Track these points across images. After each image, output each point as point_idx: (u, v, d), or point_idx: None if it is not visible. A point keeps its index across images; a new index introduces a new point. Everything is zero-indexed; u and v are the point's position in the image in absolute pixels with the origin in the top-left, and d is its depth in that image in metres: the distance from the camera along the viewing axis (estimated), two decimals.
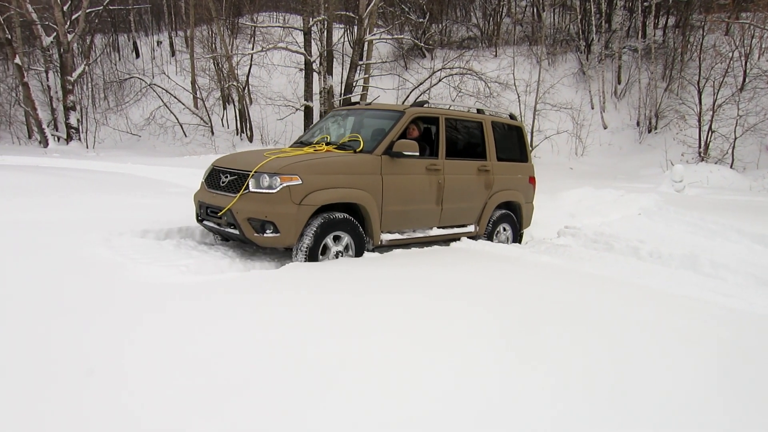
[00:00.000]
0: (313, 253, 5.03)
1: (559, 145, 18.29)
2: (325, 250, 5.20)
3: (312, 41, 19.21)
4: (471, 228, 6.64)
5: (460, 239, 6.52)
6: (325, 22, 18.87)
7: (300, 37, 19.80)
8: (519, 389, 2.72)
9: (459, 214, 6.45)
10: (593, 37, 20.53)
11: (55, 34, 20.07)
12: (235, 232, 5.09)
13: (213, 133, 21.37)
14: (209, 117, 21.50)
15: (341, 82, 19.99)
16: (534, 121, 18.38)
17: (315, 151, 5.60)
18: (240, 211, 4.98)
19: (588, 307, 4.03)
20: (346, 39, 22.06)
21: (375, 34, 19.95)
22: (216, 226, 5.33)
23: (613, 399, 2.71)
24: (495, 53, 22.01)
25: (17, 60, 19.83)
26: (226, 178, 5.35)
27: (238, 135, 21.22)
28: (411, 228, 5.99)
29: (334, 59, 20.05)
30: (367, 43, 19.58)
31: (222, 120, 22.25)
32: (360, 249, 5.38)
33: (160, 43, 27.36)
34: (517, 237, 7.28)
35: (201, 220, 5.56)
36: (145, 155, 17.57)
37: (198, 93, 21.86)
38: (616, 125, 19.11)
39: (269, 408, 2.45)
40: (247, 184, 5.05)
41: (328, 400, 2.54)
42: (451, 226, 6.43)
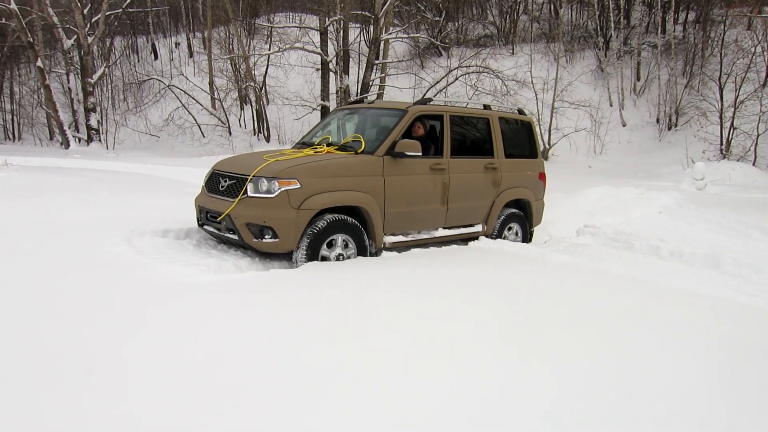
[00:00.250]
0: (312, 258, 4.95)
1: (577, 143, 18.12)
2: (326, 254, 5.12)
3: (328, 41, 19.26)
4: (478, 228, 6.52)
5: (478, 239, 6.45)
6: (342, 22, 18.90)
7: (316, 37, 19.85)
8: (547, 388, 2.71)
9: (465, 213, 6.33)
10: (612, 34, 20.31)
11: (75, 36, 20.36)
12: (234, 237, 5.02)
13: (230, 133, 21.52)
14: (227, 117, 21.65)
15: (358, 82, 20.01)
16: (552, 119, 18.23)
17: (315, 152, 5.50)
18: (238, 216, 4.90)
19: (609, 307, 3.99)
20: (363, 38, 22.07)
21: (391, 33, 19.94)
22: (216, 231, 5.26)
23: (635, 395, 2.68)
24: (512, 51, 21.87)
25: (39, 63, 20.15)
26: (225, 182, 5.29)
27: (255, 135, 21.35)
28: (416, 229, 5.89)
29: (351, 59, 20.07)
30: (383, 42, 19.57)
31: (239, 120, 22.39)
32: (362, 252, 5.29)
33: (178, 44, 27.61)
34: (527, 236, 7.14)
35: (202, 225, 5.50)
36: (164, 156, 17.76)
37: (216, 94, 22.03)
38: (636, 122, 18.88)
39: (281, 407, 2.47)
40: (246, 189, 4.98)
41: (351, 397, 2.55)
42: (458, 227, 6.32)
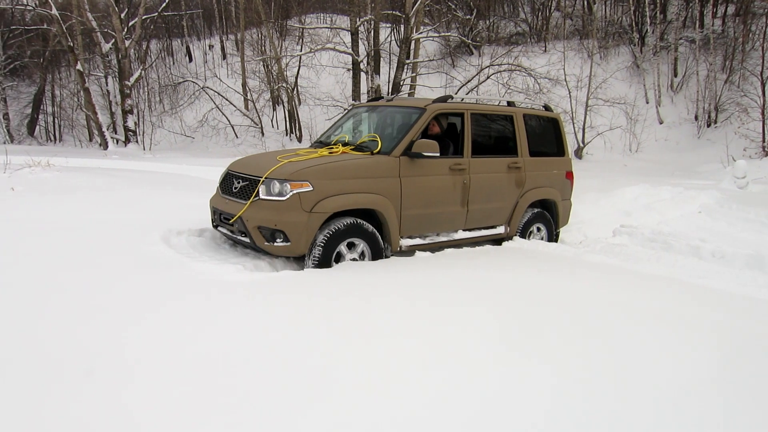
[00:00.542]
0: (325, 262, 4.84)
1: (612, 142, 17.80)
2: (339, 258, 5.01)
3: (359, 41, 19.32)
4: (501, 229, 6.33)
5: (501, 242, 6.30)
6: (372, 22, 18.93)
7: (347, 38, 19.94)
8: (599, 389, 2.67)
9: (487, 215, 6.15)
10: (647, 29, 19.89)
11: (113, 40, 20.85)
12: (246, 240, 4.95)
13: (263, 134, 21.77)
14: (259, 118, 21.91)
15: (388, 82, 20.03)
16: (586, 117, 17.95)
17: (330, 153, 5.38)
18: (250, 219, 4.83)
19: (648, 309, 3.91)
20: (393, 38, 22.08)
21: (422, 33, 19.90)
22: (229, 233, 5.21)
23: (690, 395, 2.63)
24: (544, 48, 21.60)
25: (79, 66, 20.69)
26: (238, 183, 5.21)
27: (287, 135, 21.55)
28: (434, 232, 5.74)
29: (381, 58, 20.09)
30: (414, 41, 19.54)
31: (272, 121, 22.63)
32: (377, 256, 5.17)
33: (211, 47, 28.06)
34: (552, 237, 6.92)
35: (216, 226, 5.45)
36: (198, 156, 18.05)
37: (248, 95, 22.31)
38: (673, 120, 18.46)
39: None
40: (257, 191, 4.88)
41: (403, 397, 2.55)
42: (479, 228, 6.13)
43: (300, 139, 20.91)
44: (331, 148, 5.55)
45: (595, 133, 17.94)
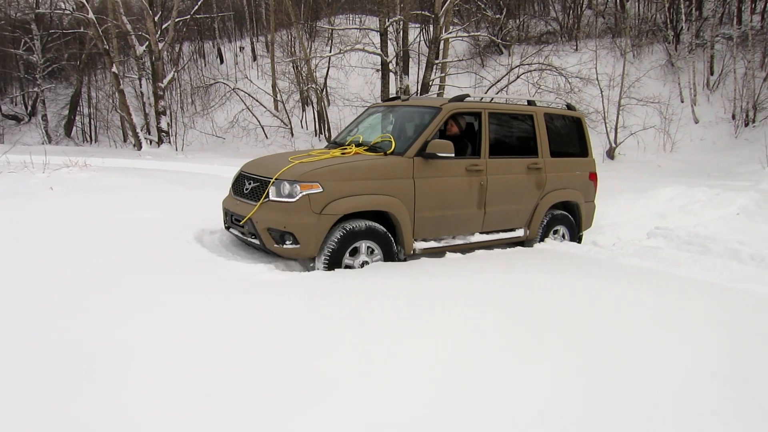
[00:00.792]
0: (335, 265, 4.79)
1: (645, 142, 17.46)
2: (352, 258, 4.94)
3: (388, 42, 19.33)
4: (520, 232, 6.18)
5: (524, 244, 6.18)
6: (401, 22, 18.92)
7: (376, 38, 19.97)
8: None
9: (505, 217, 6.00)
10: (682, 26, 19.46)
11: (147, 43, 21.24)
12: (256, 242, 4.91)
13: (293, 134, 21.94)
14: (289, 119, 22.09)
15: (417, 82, 19.99)
16: (618, 117, 17.64)
17: (342, 154, 5.30)
18: (260, 220, 4.78)
19: (689, 315, 3.83)
20: (422, 38, 22.03)
21: (451, 33, 19.81)
22: (240, 235, 5.17)
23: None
24: (576, 47, 21.31)
25: (114, 69, 21.17)
26: (249, 184, 5.17)
27: (316, 136, 21.69)
28: (450, 234, 5.60)
29: (410, 59, 20.07)
30: (443, 41, 19.47)
31: (301, 122, 22.80)
32: (389, 259, 5.07)
33: (242, 48, 28.39)
34: (574, 240, 6.75)
35: (228, 228, 5.43)
36: (229, 156, 18.28)
37: (278, 96, 22.51)
38: (709, 119, 18.02)
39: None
40: (267, 192, 4.84)
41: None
42: (497, 231, 5.98)
43: (329, 140, 21.01)
44: (345, 149, 5.49)
45: (627, 133, 17.62)
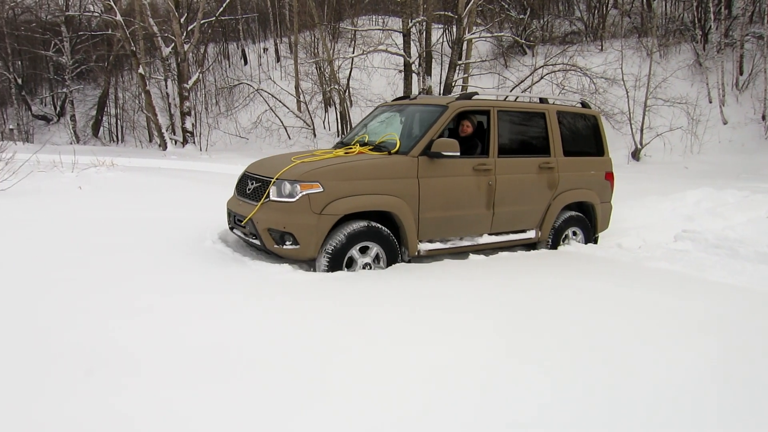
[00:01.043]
0: (336, 266, 4.71)
1: (672, 143, 17.18)
2: (351, 263, 4.85)
3: (411, 42, 19.32)
4: (531, 234, 6.03)
5: (536, 246, 6.07)
6: (424, 23, 18.90)
7: (399, 39, 19.97)
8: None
9: (515, 218, 5.85)
10: (711, 25, 19.09)
11: (173, 44, 21.54)
12: (257, 242, 4.86)
13: (315, 135, 22.05)
14: (312, 120, 22.20)
15: (440, 83, 19.95)
16: (644, 118, 17.39)
17: (346, 153, 5.22)
18: (260, 221, 4.73)
19: (720, 320, 3.76)
20: (445, 39, 21.97)
21: (474, 33, 19.72)
22: (243, 236, 5.13)
23: None
24: (601, 47, 21.05)
25: (141, 70, 21.51)
26: (251, 184, 5.13)
27: (339, 137, 21.76)
28: (456, 236, 5.48)
29: (433, 60, 20.04)
30: (466, 42, 19.40)
31: (324, 122, 22.89)
32: (393, 261, 4.98)
33: (266, 50, 28.61)
34: (589, 242, 6.59)
35: (232, 228, 5.39)
36: (252, 157, 18.37)
37: (301, 97, 22.64)
38: (738, 120, 17.66)
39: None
40: (268, 192, 4.79)
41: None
42: (506, 232, 5.82)
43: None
44: (349, 149, 5.42)
45: (653, 134, 17.36)
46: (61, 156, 10.54)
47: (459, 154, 5.10)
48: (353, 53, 21.56)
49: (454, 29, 19.59)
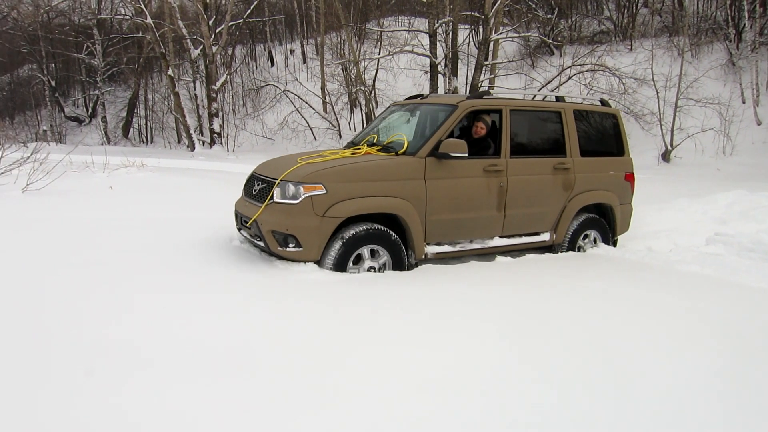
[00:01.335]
0: (340, 269, 4.63)
1: (703, 144, 16.82)
2: (356, 265, 4.77)
3: (437, 43, 19.28)
4: (545, 236, 5.87)
5: (553, 249, 5.95)
6: (451, 24, 18.85)
7: (425, 40, 19.94)
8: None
9: (528, 220, 5.69)
10: (745, 24, 18.66)
11: (201, 47, 21.83)
12: (261, 244, 4.81)
13: (341, 136, 22.13)
14: (337, 121, 22.29)
15: (466, 83, 19.86)
16: (675, 119, 17.07)
17: (352, 154, 5.15)
18: (264, 222, 4.67)
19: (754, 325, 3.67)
20: (471, 39, 21.86)
21: (501, 33, 19.59)
22: (248, 237, 5.08)
23: None
24: (630, 47, 20.72)
25: (170, 72, 21.85)
26: (257, 185, 5.09)
27: None
28: (466, 238, 5.35)
29: (459, 60, 19.96)
30: (492, 42, 19.28)
31: (349, 123, 22.97)
32: (399, 264, 4.87)
33: (292, 51, 28.83)
34: (608, 245, 6.39)
35: (239, 230, 5.35)
36: None
37: (327, 98, 22.75)
38: None
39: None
40: (272, 194, 4.74)
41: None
42: (519, 235, 5.67)
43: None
44: (357, 149, 5.35)
45: (684, 135, 17.03)
46: (93, 157, 10.76)
47: (467, 155, 4.97)
48: (379, 54, 21.59)
49: (481, 30, 19.49)
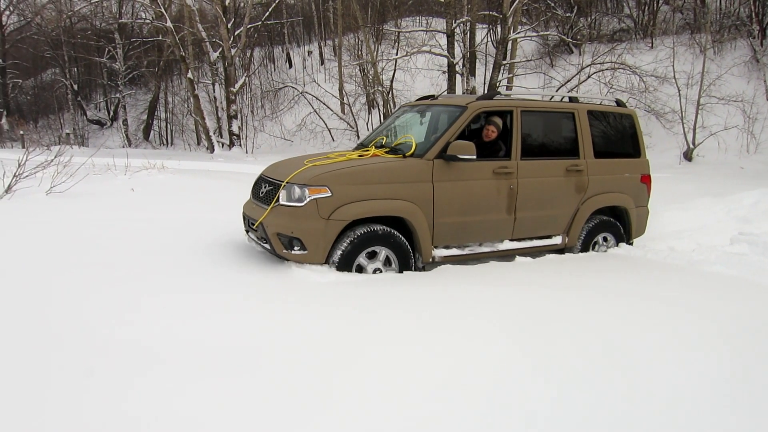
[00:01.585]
0: (345, 271, 4.59)
1: (726, 142, 16.55)
2: (361, 268, 4.73)
3: (455, 43, 19.21)
4: (557, 239, 5.75)
5: (563, 251, 5.81)
6: (468, 24, 18.78)
7: (443, 40, 19.89)
8: None
9: (539, 223, 5.58)
10: None
11: (220, 49, 22.03)
12: (267, 246, 4.79)
13: (359, 137, 22.15)
14: (355, 122, 22.33)
15: (484, 83, 19.77)
16: (697, 117, 16.81)
17: (360, 156, 5.09)
18: (270, 225, 4.65)
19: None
20: (489, 39, 21.77)
21: (519, 33, 19.48)
22: (256, 240, 5.05)
23: None
24: (651, 44, 20.46)
25: (189, 75, 22.08)
26: (265, 187, 5.06)
27: None
28: (475, 241, 5.26)
29: (477, 60, 19.89)
30: (511, 42, 19.17)
31: (367, 124, 23.00)
32: (405, 266, 4.82)
33: (310, 53, 28.97)
34: None
35: (247, 232, 5.34)
36: None
37: (345, 99, 22.81)
38: None
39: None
40: (278, 197, 4.71)
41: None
42: (530, 238, 5.57)
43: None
44: (365, 151, 5.29)
45: (707, 133, 16.76)
46: (115, 159, 10.90)
47: (475, 157, 4.88)
48: (397, 55, 21.60)
49: (499, 29, 19.40)
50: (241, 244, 5.41)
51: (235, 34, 22.49)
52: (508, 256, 5.48)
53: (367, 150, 5.29)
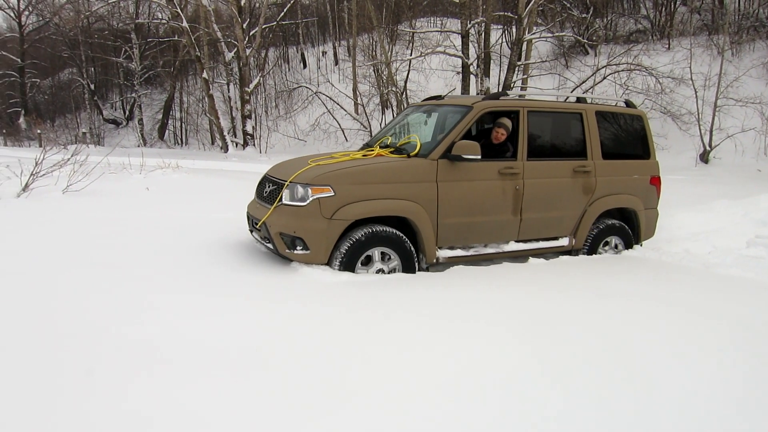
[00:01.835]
0: (348, 271, 4.56)
1: (744, 145, 16.34)
2: (364, 269, 4.70)
3: (469, 44, 19.16)
4: (564, 241, 5.68)
5: (572, 253, 5.76)
6: (483, 24, 18.72)
7: (457, 41, 19.84)
8: None
9: (546, 225, 5.53)
10: None
11: (235, 49, 22.15)
12: (270, 246, 4.79)
13: (372, 137, 22.18)
14: (369, 122, 22.35)
15: (499, 84, 19.69)
16: (714, 119, 16.62)
17: (364, 156, 5.07)
18: (273, 224, 4.65)
19: None
20: (504, 39, 21.68)
21: (534, 33, 19.36)
22: (259, 239, 5.05)
23: None
24: (668, 46, 20.26)
25: (204, 74, 22.22)
26: (269, 187, 5.05)
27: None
28: (480, 242, 5.22)
29: (492, 61, 19.80)
30: (525, 42, 19.07)
31: (380, 124, 23.00)
32: (409, 267, 4.78)
33: (324, 53, 29.06)
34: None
35: (251, 231, 5.33)
36: None
37: (359, 99, 22.84)
38: None
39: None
40: (281, 196, 4.71)
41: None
42: (536, 240, 5.52)
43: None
44: (369, 151, 5.28)
45: (724, 135, 16.56)
46: (130, 158, 11.00)
47: (480, 157, 4.84)
48: (411, 55, 21.58)
49: (514, 30, 19.32)
50: (248, 243, 5.44)
51: (250, 34, 22.60)
52: (519, 257, 5.44)
53: (372, 150, 5.29)
